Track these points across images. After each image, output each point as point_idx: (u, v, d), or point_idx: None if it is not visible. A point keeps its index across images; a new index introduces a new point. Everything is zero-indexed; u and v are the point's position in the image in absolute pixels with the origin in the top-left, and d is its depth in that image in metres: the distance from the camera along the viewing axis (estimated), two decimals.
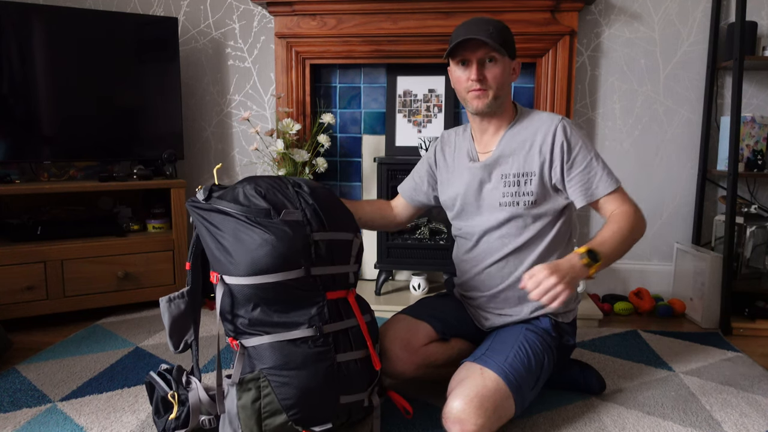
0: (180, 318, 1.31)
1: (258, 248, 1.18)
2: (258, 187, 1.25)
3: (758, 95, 2.43)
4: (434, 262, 2.37)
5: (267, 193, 1.24)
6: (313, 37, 2.44)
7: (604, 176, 1.41)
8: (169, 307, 1.30)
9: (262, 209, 1.21)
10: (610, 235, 1.34)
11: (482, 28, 1.37)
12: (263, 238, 1.18)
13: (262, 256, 1.18)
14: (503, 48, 1.37)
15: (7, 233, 2.24)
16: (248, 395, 1.20)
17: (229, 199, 1.24)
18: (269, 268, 1.18)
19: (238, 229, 1.20)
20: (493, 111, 1.45)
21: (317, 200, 1.27)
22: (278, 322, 1.23)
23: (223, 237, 1.21)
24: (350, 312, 1.30)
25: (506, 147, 1.47)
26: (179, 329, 1.32)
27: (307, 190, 1.28)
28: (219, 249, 1.21)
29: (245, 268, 1.18)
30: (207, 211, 1.25)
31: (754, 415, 1.47)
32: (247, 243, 1.18)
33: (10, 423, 1.40)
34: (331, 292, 1.27)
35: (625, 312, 2.35)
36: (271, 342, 1.21)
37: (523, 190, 1.43)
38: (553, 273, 1.19)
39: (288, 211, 1.22)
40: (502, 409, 1.26)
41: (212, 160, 2.75)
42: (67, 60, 2.32)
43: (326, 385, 1.24)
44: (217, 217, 1.23)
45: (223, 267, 1.20)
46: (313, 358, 1.23)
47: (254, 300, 1.21)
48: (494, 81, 1.40)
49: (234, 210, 1.21)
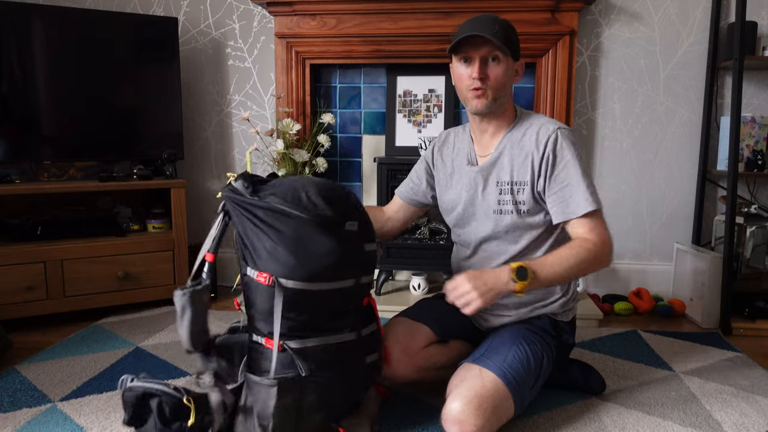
0: (202, 313, 1.23)
1: (325, 256, 1.18)
2: (321, 192, 1.22)
3: (758, 95, 2.43)
4: (434, 262, 2.37)
5: (331, 200, 1.22)
6: (313, 37, 2.44)
7: (584, 196, 1.36)
8: (192, 301, 1.20)
9: (329, 216, 1.19)
10: (556, 259, 1.29)
11: (488, 26, 1.35)
12: (331, 246, 1.18)
13: (328, 264, 1.19)
14: (507, 47, 1.36)
15: (7, 233, 2.24)
16: (289, 396, 1.20)
17: (290, 200, 1.19)
18: (332, 275, 1.20)
19: (303, 232, 1.17)
20: (492, 112, 1.44)
21: (363, 211, 1.30)
22: (324, 327, 1.24)
23: (282, 238, 1.17)
24: (373, 315, 1.37)
25: (503, 151, 1.45)
26: (201, 327, 1.24)
27: (355, 201, 1.30)
28: (274, 249, 1.17)
29: (309, 273, 1.17)
30: (257, 207, 1.19)
31: (754, 415, 1.47)
32: (314, 248, 1.18)
33: (10, 423, 1.40)
34: (365, 298, 1.33)
35: (625, 312, 2.35)
36: (316, 345, 1.22)
37: (517, 198, 1.42)
38: (472, 282, 1.22)
39: (350, 223, 1.23)
40: (502, 409, 1.26)
41: (212, 160, 2.75)
42: (67, 60, 2.32)
43: (358, 384, 1.32)
44: (272, 216, 1.18)
45: (279, 269, 1.17)
46: (351, 360, 1.28)
47: (306, 304, 1.20)
48: (495, 81, 1.38)
49: (301, 213, 1.17)
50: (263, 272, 1.18)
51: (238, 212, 1.22)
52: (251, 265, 1.21)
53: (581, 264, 1.31)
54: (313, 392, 1.23)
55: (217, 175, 2.76)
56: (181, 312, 1.20)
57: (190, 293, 1.19)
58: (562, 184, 1.38)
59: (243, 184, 1.21)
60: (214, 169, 2.76)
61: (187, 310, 1.20)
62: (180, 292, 1.19)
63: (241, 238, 1.23)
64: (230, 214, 1.24)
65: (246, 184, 1.21)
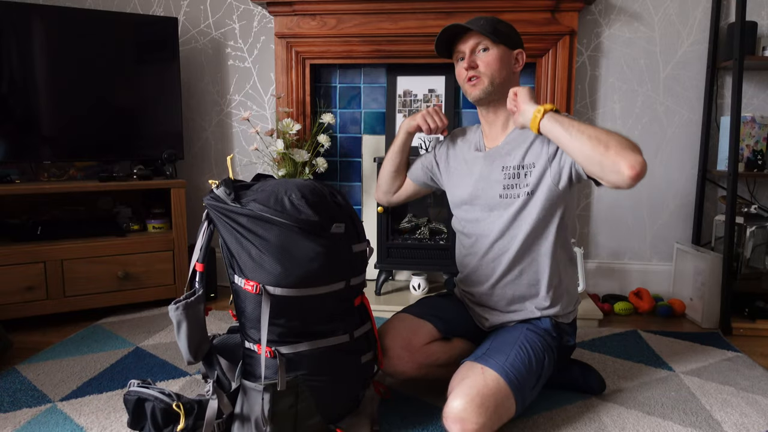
0: (199, 325, 1.23)
1: (311, 261, 1.17)
2: (305, 196, 1.19)
3: (758, 95, 2.43)
4: (434, 262, 2.37)
5: (315, 204, 1.19)
6: (313, 37, 2.44)
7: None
8: (186, 315, 1.20)
9: (314, 222, 1.17)
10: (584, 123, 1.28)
11: (473, 22, 1.42)
12: (316, 251, 1.17)
13: (315, 268, 1.17)
14: (495, 36, 1.40)
15: (7, 233, 2.24)
16: (285, 401, 1.19)
17: (273, 205, 1.16)
18: (319, 280, 1.19)
19: (287, 239, 1.16)
20: (494, 100, 1.46)
21: (351, 211, 1.28)
22: (316, 331, 1.23)
23: (266, 245, 1.15)
24: (366, 315, 1.37)
25: (512, 141, 1.47)
26: (199, 337, 1.23)
27: (341, 200, 1.27)
28: (259, 257, 1.16)
29: (296, 280, 1.16)
30: (239, 215, 1.17)
31: (754, 415, 1.47)
32: (299, 255, 1.16)
33: (10, 423, 1.40)
34: (356, 299, 1.33)
35: (625, 312, 2.35)
36: (310, 349, 1.22)
37: (521, 182, 1.42)
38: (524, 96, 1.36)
39: (337, 225, 1.22)
40: (503, 408, 1.26)
41: (212, 160, 2.75)
42: (67, 60, 2.32)
43: (355, 385, 1.32)
44: (254, 223, 1.16)
45: (265, 277, 1.15)
46: (345, 362, 1.28)
47: (296, 310, 1.19)
48: (487, 67, 1.42)
49: (285, 220, 1.15)
50: (250, 280, 1.17)
51: (221, 220, 1.20)
52: (238, 273, 1.20)
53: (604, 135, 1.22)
54: (309, 396, 1.22)
55: (217, 175, 2.76)
56: (177, 326, 1.21)
57: (183, 306, 1.19)
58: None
59: (225, 191, 1.19)
60: (214, 169, 2.76)
61: (183, 323, 1.20)
62: (173, 307, 1.19)
63: (227, 246, 1.22)
64: (214, 222, 1.23)
65: (228, 191, 1.19)
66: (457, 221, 1.60)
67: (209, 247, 1.27)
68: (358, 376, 1.33)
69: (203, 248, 1.25)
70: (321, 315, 1.23)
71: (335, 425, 1.30)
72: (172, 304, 1.20)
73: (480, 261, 1.51)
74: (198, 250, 1.25)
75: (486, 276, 1.51)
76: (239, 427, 1.23)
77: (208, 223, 1.26)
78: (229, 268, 1.24)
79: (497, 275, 1.49)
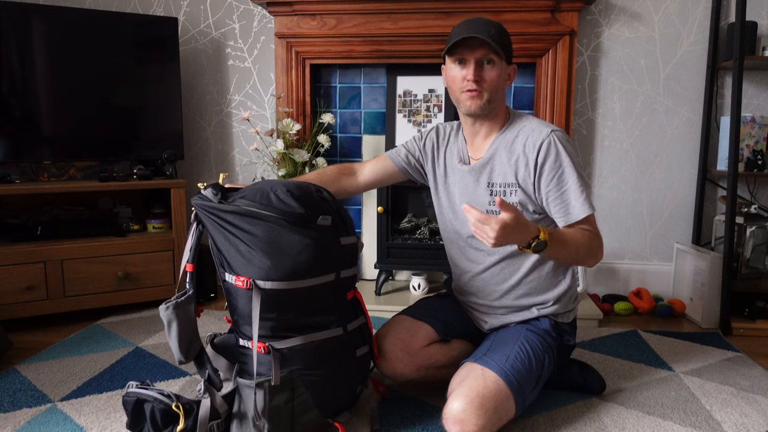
0: (189, 324, 1.24)
1: (299, 253, 1.18)
2: (291, 190, 1.22)
3: (758, 95, 2.43)
4: (434, 262, 2.37)
5: (300, 197, 1.22)
6: (313, 37, 2.44)
7: (582, 201, 1.35)
8: (176, 314, 1.21)
9: (300, 214, 1.20)
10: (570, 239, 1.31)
11: (484, 28, 1.35)
12: (304, 243, 1.18)
13: (304, 260, 1.18)
14: (502, 51, 1.36)
15: (7, 233, 2.24)
16: (281, 396, 1.20)
17: (259, 200, 1.20)
18: (309, 272, 1.20)
19: (275, 232, 1.18)
20: (486, 114, 1.43)
21: (338, 205, 1.30)
22: (309, 324, 1.24)
23: (254, 240, 1.17)
24: (360, 309, 1.38)
25: (495, 153, 1.45)
26: (189, 337, 1.24)
27: (328, 196, 1.30)
28: (248, 252, 1.18)
29: (285, 273, 1.17)
30: (226, 212, 1.20)
31: (754, 415, 1.47)
32: (287, 247, 1.17)
33: (10, 423, 1.40)
34: (348, 292, 1.34)
35: (625, 312, 2.35)
36: (303, 343, 1.22)
37: (508, 200, 1.41)
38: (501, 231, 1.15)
39: (323, 217, 1.23)
40: (503, 409, 1.26)
41: (212, 160, 2.74)
42: (67, 60, 2.32)
43: (351, 378, 1.33)
44: (241, 219, 1.19)
45: (255, 271, 1.17)
46: (340, 356, 1.29)
47: (287, 303, 1.20)
48: (490, 83, 1.38)
49: (271, 213, 1.18)
50: (240, 276, 1.19)
51: (209, 219, 1.23)
52: (228, 270, 1.22)
53: (586, 250, 1.35)
54: (305, 391, 1.23)
55: (216, 175, 2.76)
56: (167, 325, 1.22)
57: (173, 306, 1.21)
58: (561, 189, 1.36)
59: (212, 192, 1.23)
60: (214, 169, 2.76)
61: (173, 322, 1.22)
62: (164, 307, 1.21)
63: (216, 245, 1.24)
64: (203, 222, 1.25)
65: (215, 191, 1.23)
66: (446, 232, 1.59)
67: (199, 248, 1.29)
68: (355, 370, 1.34)
69: (193, 249, 1.27)
70: (313, 308, 1.24)
71: (334, 419, 1.31)
72: (162, 304, 1.22)
73: (476, 275, 1.51)
74: (188, 251, 1.27)
75: (483, 292, 1.51)
76: (237, 426, 1.23)
77: (197, 223, 1.28)
78: (219, 267, 1.26)
79: (495, 290, 1.49)
